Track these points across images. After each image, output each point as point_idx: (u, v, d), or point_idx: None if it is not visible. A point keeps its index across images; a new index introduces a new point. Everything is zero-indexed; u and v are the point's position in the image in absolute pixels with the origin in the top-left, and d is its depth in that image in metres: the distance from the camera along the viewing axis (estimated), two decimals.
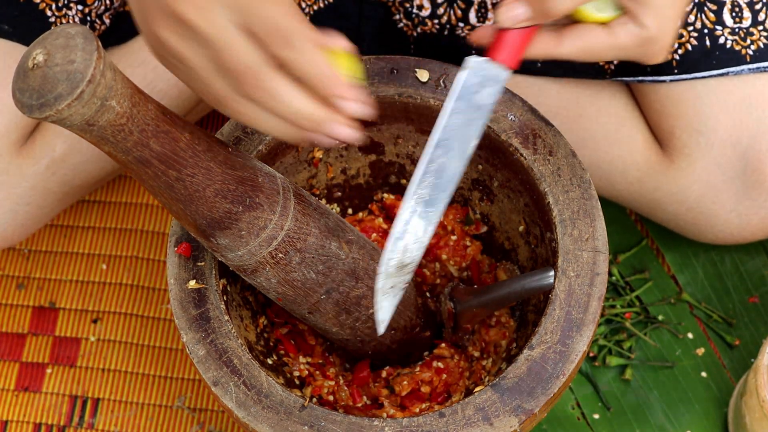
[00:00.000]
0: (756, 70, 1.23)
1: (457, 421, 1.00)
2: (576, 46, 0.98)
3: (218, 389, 1.02)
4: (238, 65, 0.88)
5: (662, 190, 1.28)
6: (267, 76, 0.89)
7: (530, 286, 1.07)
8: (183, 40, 0.89)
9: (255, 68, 0.89)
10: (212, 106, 0.92)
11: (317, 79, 0.89)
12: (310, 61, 0.89)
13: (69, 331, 1.37)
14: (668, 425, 1.30)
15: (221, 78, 0.90)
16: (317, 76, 0.89)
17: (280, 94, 0.89)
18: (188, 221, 0.98)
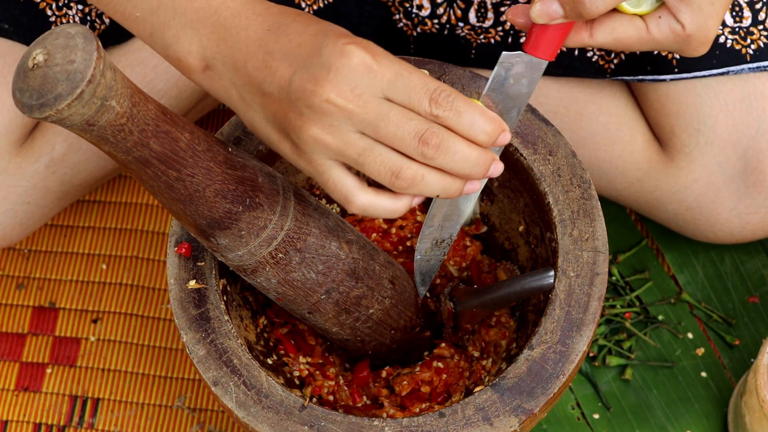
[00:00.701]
0: (756, 69, 1.23)
1: (457, 421, 1.00)
2: (609, 37, 0.98)
3: (218, 389, 1.02)
4: (402, 134, 0.91)
5: (662, 190, 1.28)
6: (433, 136, 0.91)
7: (530, 286, 1.07)
8: (336, 131, 0.91)
9: (420, 131, 0.91)
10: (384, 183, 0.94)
11: (484, 126, 0.92)
12: (470, 113, 0.91)
13: (69, 331, 1.37)
14: (668, 425, 1.30)
15: (385, 151, 0.92)
16: (484, 124, 0.92)
17: (450, 149, 0.92)
18: (188, 221, 0.98)
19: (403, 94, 0.90)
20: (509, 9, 0.99)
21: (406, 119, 0.90)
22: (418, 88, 0.90)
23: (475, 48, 1.29)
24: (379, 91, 0.90)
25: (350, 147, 0.92)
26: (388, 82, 0.90)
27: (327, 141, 0.92)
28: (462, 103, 0.91)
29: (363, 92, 0.90)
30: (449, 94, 0.90)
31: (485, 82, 1.12)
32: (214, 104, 1.43)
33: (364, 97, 0.90)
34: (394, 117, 0.90)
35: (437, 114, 0.90)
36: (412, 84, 0.90)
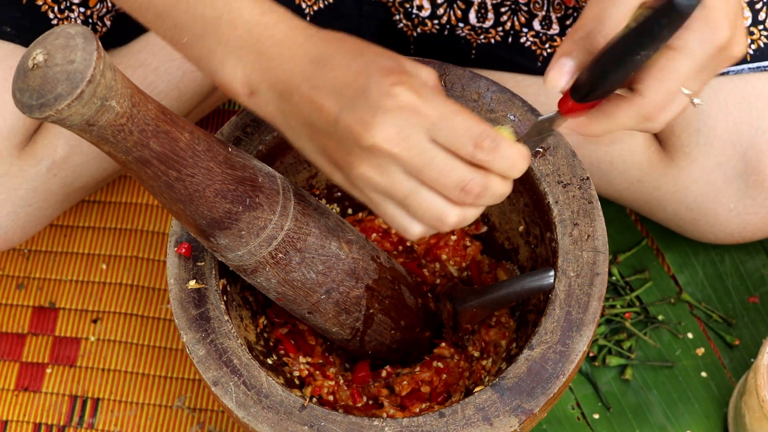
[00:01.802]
0: (756, 70, 1.23)
1: (457, 421, 1.00)
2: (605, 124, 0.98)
3: (218, 389, 1.02)
4: (445, 181, 0.92)
5: (662, 190, 1.28)
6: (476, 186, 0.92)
7: (530, 286, 1.07)
8: (382, 171, 0.92)
9: (463, 180, 0.92)
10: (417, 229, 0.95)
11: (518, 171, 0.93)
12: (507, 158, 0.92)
13: (69, 331, 1.38)
14: (668, 425, 1.30)
15: (429, 195, 0.92)
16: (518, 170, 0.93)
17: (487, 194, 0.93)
18: (188, 221, 0.98)
19: (447, 136, 0.90)
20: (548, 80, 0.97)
21: (450, 168, 0.91)
22: (462, 132, 0.90)
23: (475, 48, 1.30)
24: (424, 133, 0.90)
25: (396, 188, 0.92)
26: (432, 124, 0.90)
27: (375, 180, 0.92)
28: (505, 147, 0.92)
29: (408, 135, 0.90)
30: (493, 140, 0.91)
31: (485, 82, 1.12)
32: (214, 105, 1.43)
33: (409, 140, 0.90)
34: (437, 164, 0.91)
35: (480, 158, 0.91)
36: (457, 127, 0.90)
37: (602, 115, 0.95)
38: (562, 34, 1.26)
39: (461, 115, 0.90)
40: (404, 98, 0.89)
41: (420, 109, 0.90)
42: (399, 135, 0.90)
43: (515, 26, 1.28)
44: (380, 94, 0.90)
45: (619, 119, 0.94)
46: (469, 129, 0.90)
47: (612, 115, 0.94)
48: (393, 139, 0.90)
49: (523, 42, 1.28)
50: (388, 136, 0.90)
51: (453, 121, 0.90)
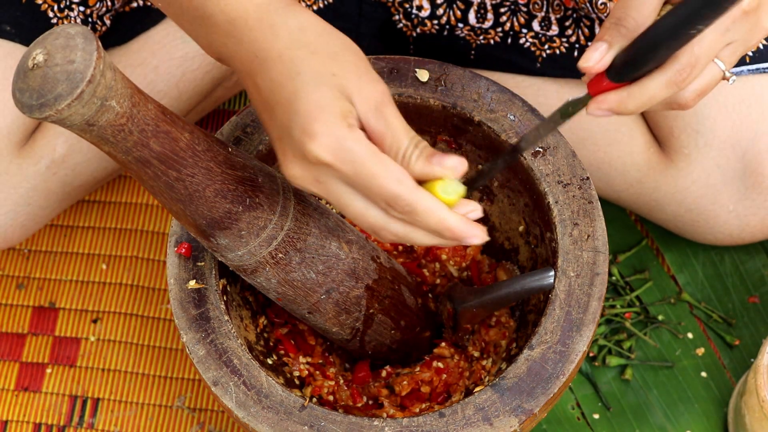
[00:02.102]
0: (755, 71, 1.23)
1: (457, 421, 1.00)
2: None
3: (218, 389, 1.02)
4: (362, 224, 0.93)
5: (661, 191, 1.28)
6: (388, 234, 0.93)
7: (530, 286, 1.07)
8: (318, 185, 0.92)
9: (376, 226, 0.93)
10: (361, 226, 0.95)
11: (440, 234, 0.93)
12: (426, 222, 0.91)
13: (69, 331, 1.38)
14: (668, 425, 1.30)
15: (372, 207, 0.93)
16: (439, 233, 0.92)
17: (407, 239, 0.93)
18: (188, 221, 0.98)
19: (362, 190, 0.91)
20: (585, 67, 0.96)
21: (366, 214, 0.92)
22: (375, 193, 0.90)
23: (474, 49, 1.30)
24: (340, 182, 0.91)
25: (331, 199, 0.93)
26: (347, 178, 0.90)
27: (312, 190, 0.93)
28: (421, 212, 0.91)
29: (325, 181, 0.91)
30: (407, 204, 0.90)
31: (485, 82, 1.12)
32: (214, 105, 1.43)
33: (327, 184, 0.91)
34: (354, 209, 0.92)
35: (393, 215, 0.92)
36: (371, 187, 0.90)
37: (635, 88, 0.94)
38: (561, 35, 1.26)
39: (376, 178, 0.89)
40: (318, 155, 0.89)
41: (335, 167, 0.90)
42: (315, 179, 0.91)
43: (514, 27, 1.28)
44: (299, 143, 0.90)
45: (651, 89, 0.94)
46: (382, 191, 0.90)
47: (644, 85, 0.94)
48: (310, 182, 0.91)
49: (522, 43, 1.28)
50: (304, 178, 0.91)
51: (368, 181, 0.90)
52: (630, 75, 0.94)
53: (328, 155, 0.89)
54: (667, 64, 0.94)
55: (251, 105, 0.96)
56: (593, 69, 0.94)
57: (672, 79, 0.94)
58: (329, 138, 0.89)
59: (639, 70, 0.93)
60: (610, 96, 0.96)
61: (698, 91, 0.96)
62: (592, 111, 0.97)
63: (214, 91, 1.40)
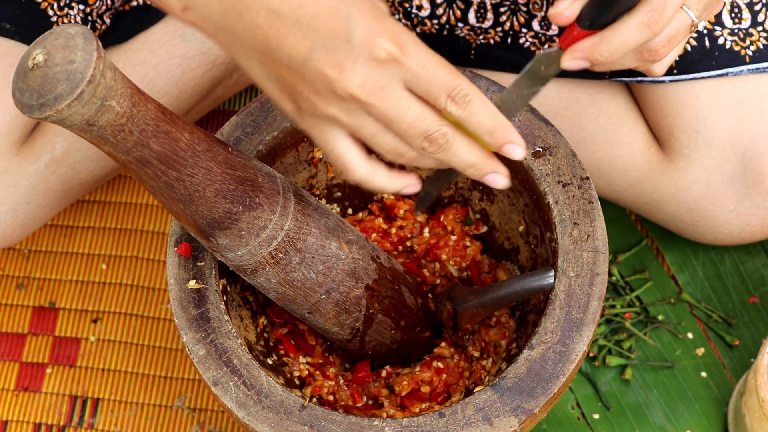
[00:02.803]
0: (755, 71, 1.23)
1: (457, 421, 1.00)
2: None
3: (218, 389, 1.02)
4: (413, 132, 0.91)
5: (661, 191, 1.28)
6: (440, 137, 0.91)
7: (530, 286, 1.07)
8: (350, 114, 0.90)
9: (429, 131, 0.91)
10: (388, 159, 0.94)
11: (491, 132, 0.92)
12: (481, 116, 0.91)
13: (69, 331, 1.37)
14: (668, 425, 1.30)
15: (387, 137, 0.92)
16: (490, 130, 0.92)
17: (450, 150, 0.92)
18: (188, 221, 0.98)
19: (424, 87, 0.90)
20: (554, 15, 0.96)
21: (420, 119, 0.90)
22: (440, 84, 0.89)
23: (474, 48, 1.30)
24: (401, 83, 0.89)
25: (363, 129, 0.91)
26: (412, 74, 0.89)
27: (342, 120, 0.91)
28: (478, 104, 0.91)
29: (385, 85, 0.89)
30: (467, 94, 0.90)
31: (485, 82, 1.12)
32: (214, 104, 1.43)
33: (386, 90, 0.89)
34: (409, 117, 0.90)
35: (451, 111, 0.90)
36: (435, 79, 0.89)
37: (608, 32, 0.94)
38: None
39: (441, 68, 0.90)
40: (389, 49, 0.87)
41: (402, 60, 0.88)
42: (376, 84, 0.88)
43: (514, 26, 1.28)
44: (364, 42, 0.87)
45: (624, 32, 0.94)
46: (446, 82, 0.90)
47: (617, 29, 0.94)
48: (370, 89, 0.88)
49: (522, 42, 1.28)
50: (366, 86, 0.88)
51: (432, 73, 0.89)
52: (601, 19, 0.94)
53: (397, 49, 0.87)
54: (639, 6, 0.94)
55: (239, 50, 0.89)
56: (563, 16, 0.94)
57: (644, 20, 0.94)
58: (394, 33, 0.88)
59: (609, 13, 0.93)
60: (583, 43, 0.95)
61: (668, 37, 0.96)
62: (566, 63, 0.96)
63: (214, 90, 1.40)
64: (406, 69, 0.89)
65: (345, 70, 0.87)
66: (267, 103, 1.12)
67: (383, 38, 0.87)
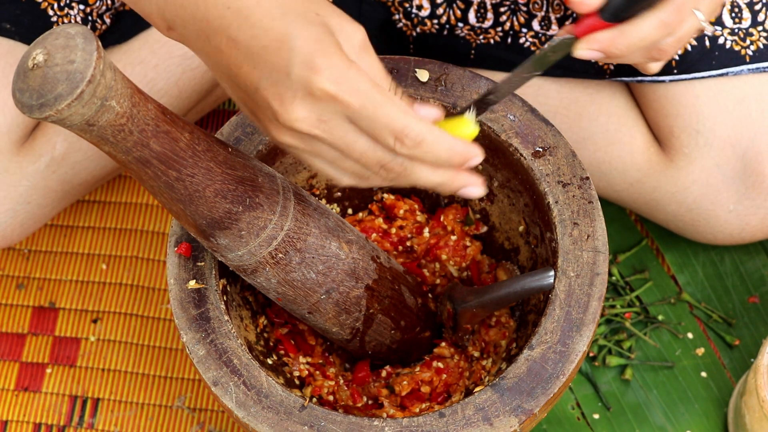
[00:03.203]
0: (755, 71, 1.23)
1: (457, 421, 1.00)
2: None
3: (218, 389, 1.02)
4: (366, 161, 0.90)
5: (661, 191, 1.28)
6: (396, 166, 0.91)
7: (530, 286, 1.07)
8: (305, 143, 0.90)
9: (383, 162, 0.90)
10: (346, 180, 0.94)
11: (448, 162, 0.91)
12: (436, 152, 0.90)
13: (69, 331, 1.37)
14: (668, 425, 1.30)
15: (349, 162, 0.91)
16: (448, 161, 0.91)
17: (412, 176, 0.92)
18: (188, 221, 0.98)
19: (368, 126, 0.89)
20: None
21: (371, 150, 0.90)
22: (383, 126, 0.88)
23: (474, 48, 1.30)
24: (345, 119, 0.89)
25: (322, 155, 0.91)
26: (353, 112, 0.88)
27: (300, 147, 0.91)
28: (429, 142, 0.89)
29: (329, 119, 0.88)
30: (416, 135, 0.89)
31: (485, 82, 1.12)
32: (214, 104, 1.43)
33: (330, 123, 0.88)
34: (358, 147, 0.90)
35: (401, 152, 0.90)
36: (378, 120, 0.88)
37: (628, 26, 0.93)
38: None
39: (383, 107, 0.88)
40: (325, 87, 0.87)
41: (341, 98, 0.87)
42: (319, 119, 0.88)
43: (514, 26, 1.28)
44: (301, 79, 0.87)
45: (644, 28, 0.93)
46: (390, 123, 0.88)
47: (638, 24, 0.93)
48: (313, 123, 0.88)
49: (522, 42, 1.28)
50: (307, 120, 0.88)
51: (374, 112, 0.88)
52: (627, 14, 0.93)
53: (334, 87, 0.86)
54: (662, 5, 0.94)
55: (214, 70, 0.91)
56: (586, 4, 0.93)
57: (665, 19, 0.94)
58: (333, 70, 0.87)
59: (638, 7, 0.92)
60: (602, 34, 0.95)
61: (679, 37, 0.96)
62: (581, 52, 0.95)
63: (214, 90, 1.40)
64: (345, 107, 0.88)
65: (285, 104, 0.88)
66: None
67: (320, 76, 0.87)
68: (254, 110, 0.91)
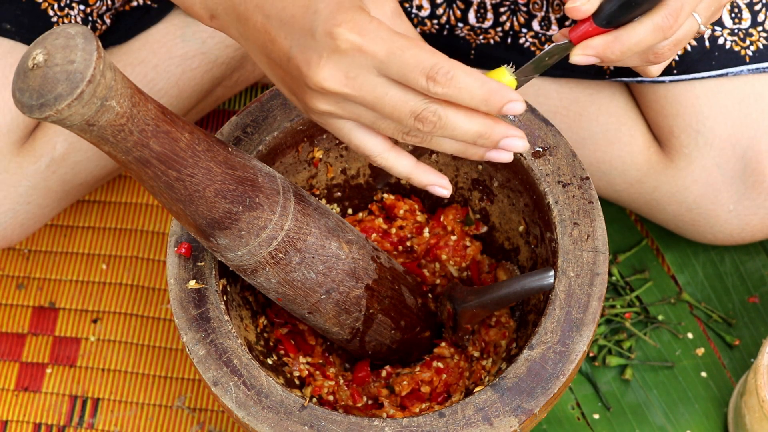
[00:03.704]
0: (755, 71, 1.23)
1: (457, 421, 1.00)
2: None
3: (218, 389, 1.02)
4: (399, 114, 0.89)
5: (661, 191, 1.28)
6: (430, 115, 0.89)
7: (530, 286, 1.07)
8: (340, 106, 0.90)
9: (416, 111, 0.89)
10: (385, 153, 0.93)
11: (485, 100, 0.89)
12: (470, 87, 0.88)
13: (69, 331, 1.38)
14: (668, 425, 1.30)
15: (385, 121, 0.91)
16: (485, 98, 0.89)
17: (448, 125, 0.90)
18: (188, 221, 0.98)
19: (397, 72, 0.88)
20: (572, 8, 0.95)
21: (402, 101, 0.89)
22: (413, 67, 0.87)
23: (474, 48, 1.30)
24: (373, 71, 0.88)
25: (362, 119, 0.91)
26: (380, 61, 0.88)
27: (338, 113, 0.91)
28: (461, 76, 0.88)
29: (357, 75, 0.88)
30: (447, 71, 0.87)
31: None
32: (214, 104, 1.43)
33: (358, 79, 0.88)
34: (390, 99, 0.89)
35: (435, 92, 0.88)
36: (406, 62, 0.87)
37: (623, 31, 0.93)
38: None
39: (411, 49, 0.87)
40: (349, 38, 0.87)
41: (365, 48, 0.87)
42: (347, 76, 0.88)
43: (514, 27, 1.28)
44: (324, 35, 0.87)
45: (639, 33, 0.93)
46: (420, 63, 0.87)
47: (633, 29, 0.93)
48: (341, 81, 0.88)
49: (522, 42, 1.28)
50: (335, 77, 0.88)
51: (402, 56, 0.87)
52: (621, 19, 0.93)
53: (357, 38, 0.87)
54: (656, 9, 0.94)
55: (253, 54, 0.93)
56: (581, 10, 0.93)
57: (660, 23, 0.93)
58: (356, 23, 0.87)
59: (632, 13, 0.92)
60: (596, 40, 0.95)
61: (676, 40, 0.96)
62: (577, 58, 0.95)
63: (214, 91, 1.40)
64: (373, 56, 0.87)
65: (312, 66, 0.88)
66: (267, 103, 1.12)
67: (343, 28, 0.87)
68: (291, 86, 0.92)
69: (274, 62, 0.92)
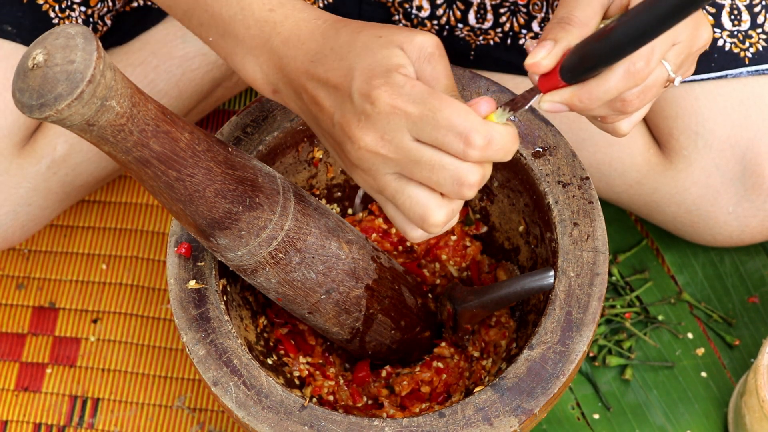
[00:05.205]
0: (754, 73, 1.23)
1: (457, 421, 1.00)
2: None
3: (218, 389, 1.02)
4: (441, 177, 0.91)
5: (661, 192, 1.28)
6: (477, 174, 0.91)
7: (530, 286, 1.07)
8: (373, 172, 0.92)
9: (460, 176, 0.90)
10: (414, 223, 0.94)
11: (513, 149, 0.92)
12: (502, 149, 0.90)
13: (69, 331, 1.38)
14: (668, 425, 1.30)
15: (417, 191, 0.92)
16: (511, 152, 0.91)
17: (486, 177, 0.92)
18: (188, 221, 0.98)
19: (431, 135, 0.89)
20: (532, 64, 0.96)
21: (440, 165, 0.90)
22: (448, 129, 0.89)
23: (474, 49, 1.30)
24: (408, 133, 0.90)
25: (385, 189, 0.93)
26: (414, 123, 0.89)
27: (370, 182, 0.93)
28: (498, 139, 0.90)
29: (392, 137, 0.90)
30: (484, 136, 0.89)
31: (485, 82, 1.12)
32: (214, 105, 1.44)
33: (394, 141, 0.90)
34: (427, 161, 0.90)
35: (473, 156, 0.90)
36: (441, 124, 0.89)
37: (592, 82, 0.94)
38: None
39: (444, 111, 0.89)
40: (384, 101, 0.89)
41: (400, 110, 0.89)
42: (383, 138, 0.90)
43: (514, 27, 1.28)
44: (361, 100, 0.90)
45: (609, 83, 0.93)
46: (454, 126, 0.89)
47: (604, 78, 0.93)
48: (377, 142, 0.90)
49: (521, 43, 1.28)
50: (372, 139, 0.90)
51: (436, 119, 0.89)
52: (585, 75, 0.93)
53: (391, 98, 0.88)
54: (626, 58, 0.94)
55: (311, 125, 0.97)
56: (541, 66, 0.94)
57: (630, 69, 0.93)
58: (388, 85, 0.89)
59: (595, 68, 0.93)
60: (563, 92, 0.95)
61: (644, 88, 0.96)
62: (545, 105, 0.96)
63: (214, 91, 1.40)
64: (407, 117, 0.89)
65: (352, 128, 0.91)
66: (267, 103, 1.13)
67: (377, 90, 0.89)
68: (339, 153, 0.94)
69: (324, 130, 0.94)
